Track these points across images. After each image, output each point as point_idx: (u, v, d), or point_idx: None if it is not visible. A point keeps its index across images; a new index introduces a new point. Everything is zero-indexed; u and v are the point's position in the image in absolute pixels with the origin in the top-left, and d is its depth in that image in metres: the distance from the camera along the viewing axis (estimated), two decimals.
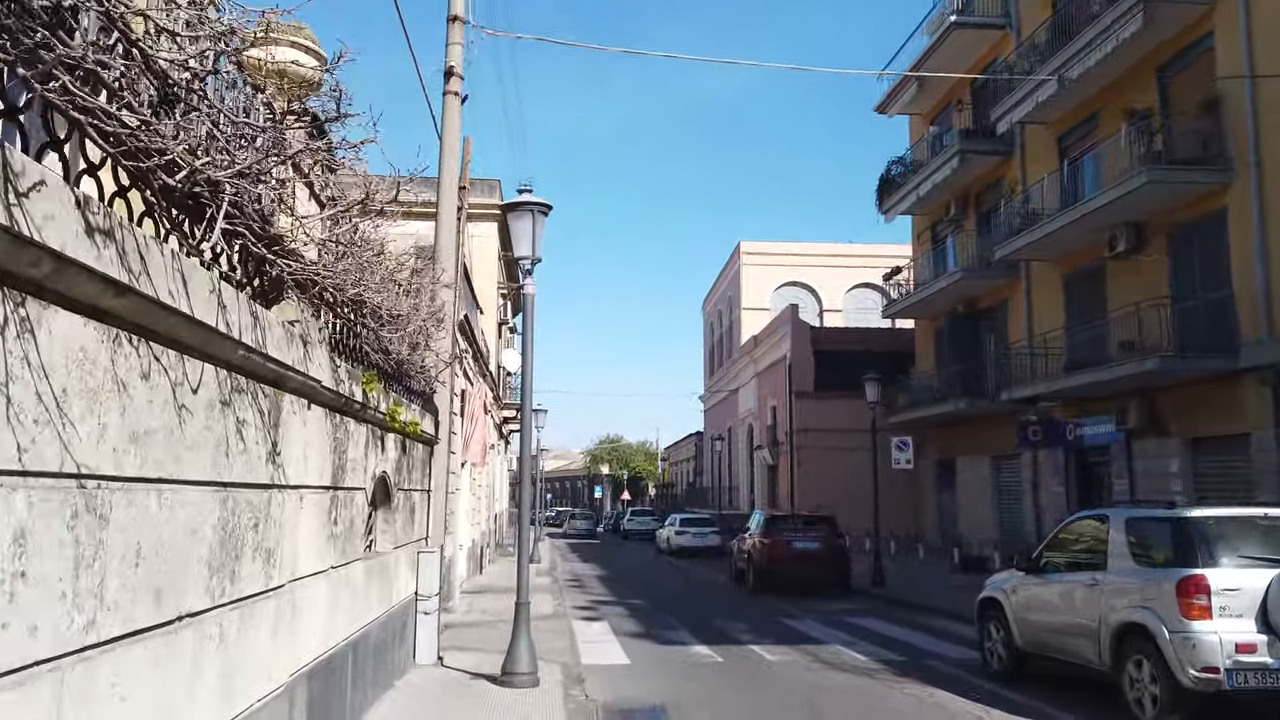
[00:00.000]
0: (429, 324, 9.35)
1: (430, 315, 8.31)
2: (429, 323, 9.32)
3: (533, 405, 9.63)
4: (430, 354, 9.95)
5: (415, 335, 8.74)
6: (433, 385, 10.16)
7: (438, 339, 10.27)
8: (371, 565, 7.23)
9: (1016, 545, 25.01)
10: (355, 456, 6.49)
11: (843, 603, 17.72)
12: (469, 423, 16.60)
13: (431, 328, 10.06)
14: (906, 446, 20.21)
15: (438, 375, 10.28)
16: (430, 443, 10.12)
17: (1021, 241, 22.15)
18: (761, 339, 38.20)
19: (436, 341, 10.19)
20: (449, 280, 10.50)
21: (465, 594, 17.22)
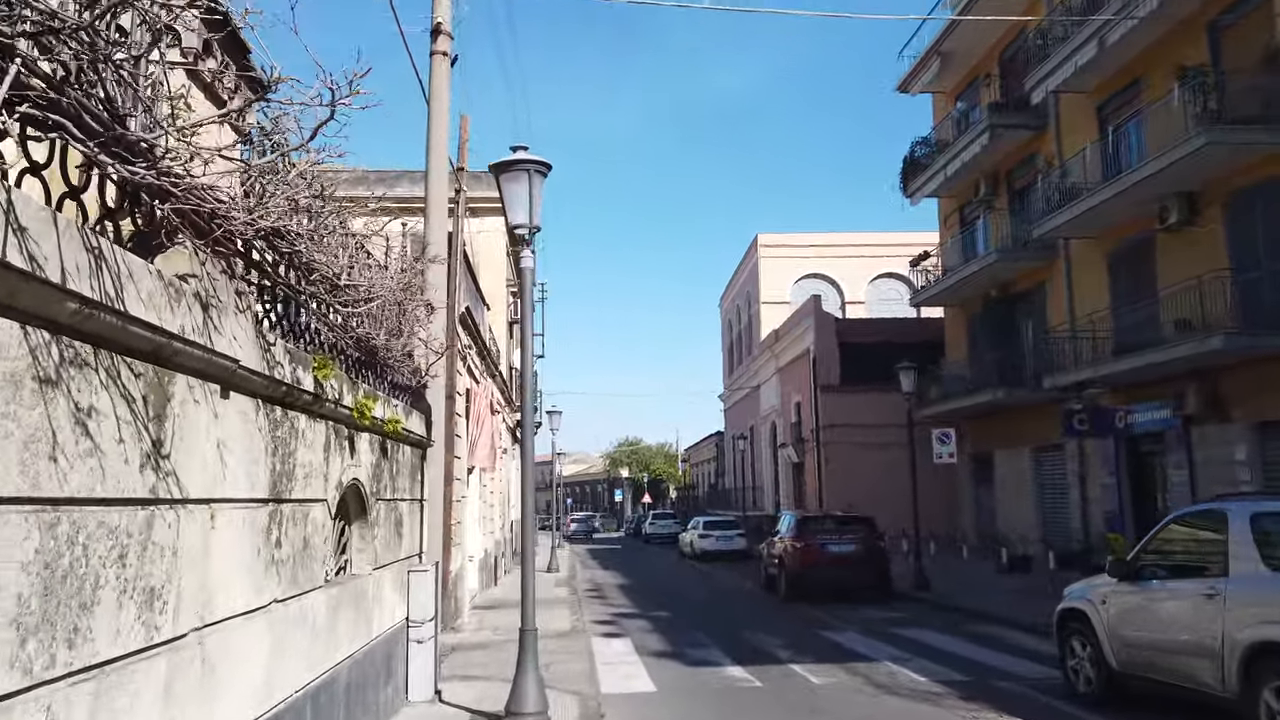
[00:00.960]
0: (414, 306, 8.10)
1: (407, 289, 7.04)
2: (413, 305, 8.07)
3: (536, 396, 8.28)
4: (417, 343, 8.70)
5: (396, 318, 7.48)
6: (422, 379, 8.90)
7: (426, 325, 9.02)
8: (341, 593, 5.96)
9: (1063, 542, 23.61)
10: (309, 461, 5.22)
11: (885, 610, 16.34)
12: (475, 424, 15.35)
13: (421, 312, 8.82)
14: (949, 439, 18.81)
15: (428, 368, 9.02)
16: (421, 445, 8.85)
17: (1062, 218, 20.70)
18: (783, 333, 36.82)
19: (425, 327, 8.93)
20: (436, 255, 9.25)
21: (476, 610, 15.97)
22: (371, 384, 7.02)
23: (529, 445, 7.79)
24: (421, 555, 8.94)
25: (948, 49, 27.79)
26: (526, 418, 7.75)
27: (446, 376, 13.86)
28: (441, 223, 9.80)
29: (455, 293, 14.03)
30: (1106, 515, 21.52)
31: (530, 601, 7.29)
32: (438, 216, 9.80)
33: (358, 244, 6.26)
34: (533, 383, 7.27)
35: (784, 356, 36.91)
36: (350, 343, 6.17)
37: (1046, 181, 21.92)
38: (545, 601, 17.37)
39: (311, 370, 5.06)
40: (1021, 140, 24.78)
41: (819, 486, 31.86)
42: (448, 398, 13.80)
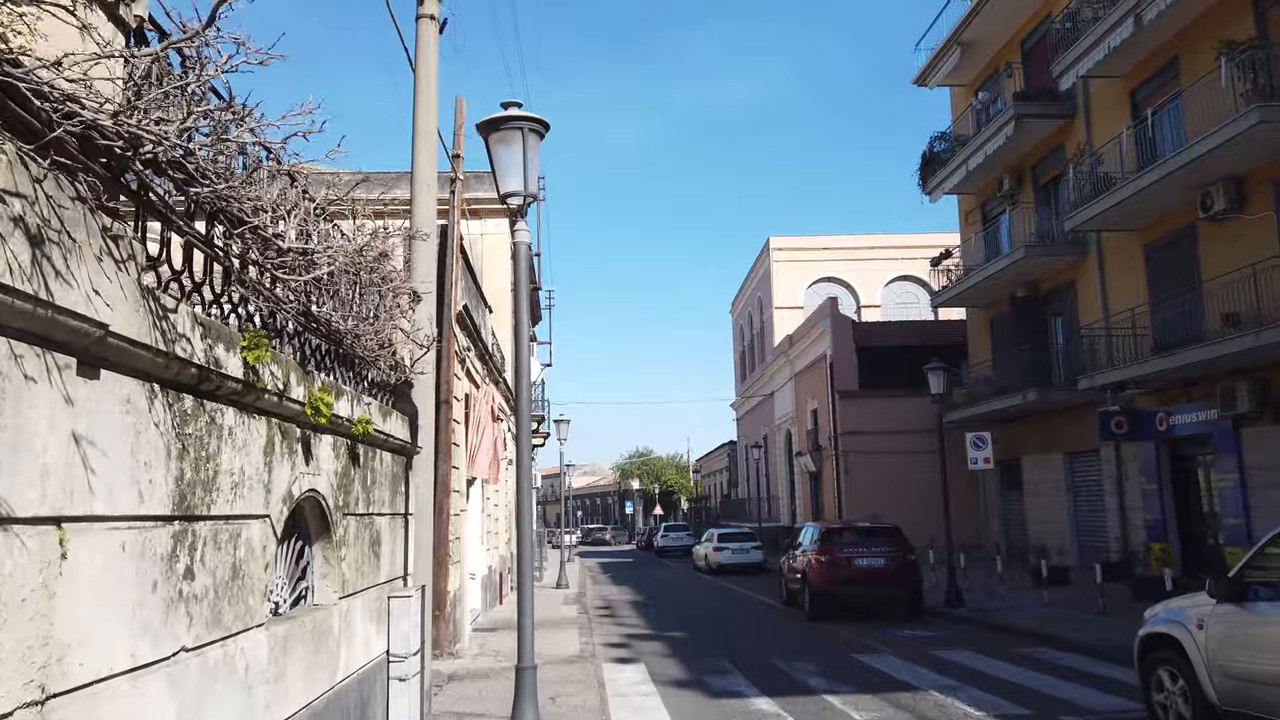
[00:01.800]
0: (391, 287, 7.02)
1: (377, 263, 5.96)
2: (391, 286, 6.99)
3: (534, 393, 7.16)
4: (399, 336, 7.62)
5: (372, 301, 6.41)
6: (406, 376, 7.79)
7: (409, 313, 7.92)
8: (292, 629, 4.85)
9: (1098, 552, 22.35)
10: (240, 467, 4.13)
11: (919, 629, 15.14)
12: (475, 432, 14.25)
13: (403, 300, 7.74)
14: (984, 443, 17.60)
15: (414, 363, 7.91)
16: (404, 451, 7.74)
17: (1095, 209, 19.54)
18: (797, 338, 35.66)
19: (408, 316, 7.84)
20: (419, 231, 8.18)
21: (478, 632, 14.84)
22: (340, 377, 5.93)
23: (525, 446, 6.68)
24: (407, 578, 7.83)
25: (968, 38, 26.71)
26: (523, 412, 6.64)
27: (443, 379, 12.78)
28: (430, 200, 8.72)
29: (452, 287, 12.96)
30: (1148, 524, 20.28)
31: (528, 636, 6.18)
32: (425, 194, 8.73)
33: (317, 210, 5.20)
34: (528, 375, 6.16)
35: (799, 362, 35.75)
36: (304, 322, 5.08)
37: (1078, 171, 20.75)
38: (552, 622, 16.22)
39: (239, 350, 3.96)
40: (1048, 130, 23.66)
41: (838, 496, 30.65)
42: (444, 402, 12.71)
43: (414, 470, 8.34)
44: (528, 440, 6.58)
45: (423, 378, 8.38)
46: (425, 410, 8.57)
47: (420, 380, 8.42)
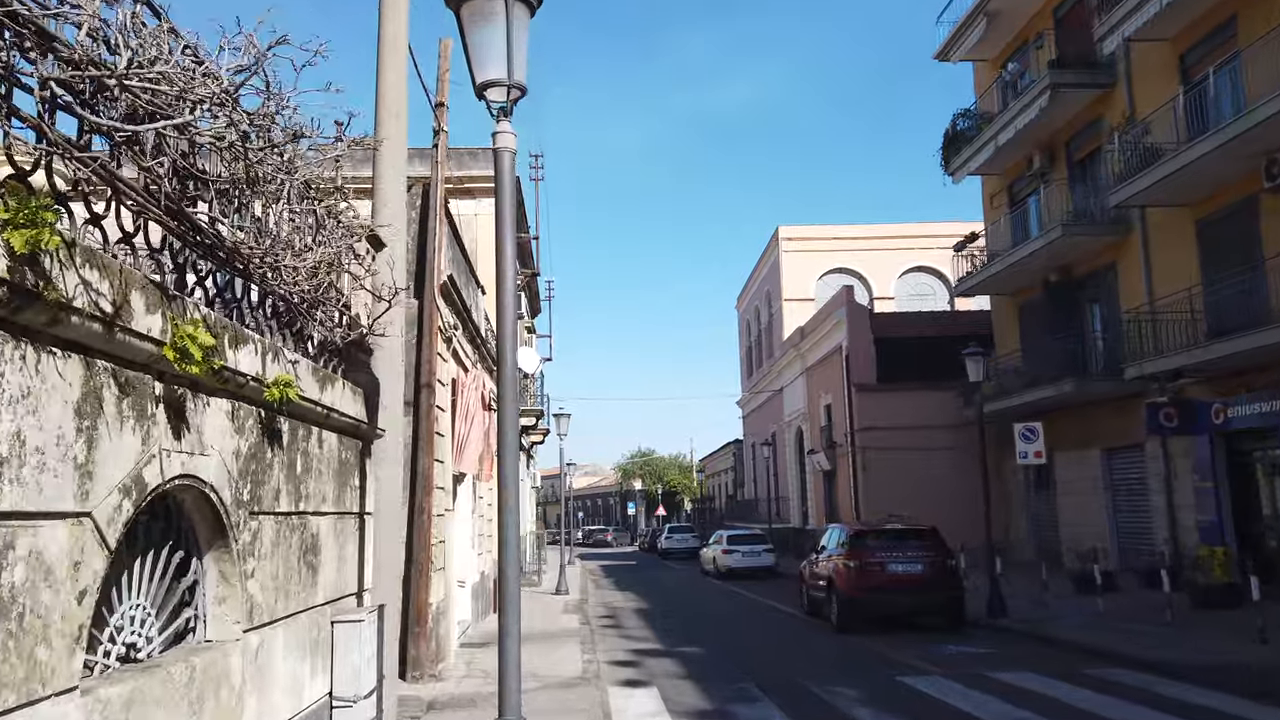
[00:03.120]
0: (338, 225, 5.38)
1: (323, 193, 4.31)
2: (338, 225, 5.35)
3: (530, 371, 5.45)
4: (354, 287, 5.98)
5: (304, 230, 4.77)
6: (361, 338, 6.13)
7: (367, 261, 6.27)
8: (140, 689, 3.18)
9: (1141, 556, 20.67)
10: (17, 431, 2.46)
11: (964, 644, 13.46)
12: (463, 421, 12.59)
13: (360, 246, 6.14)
14: (1035, 435, 15.91)
15: (373, 322, 6.26)
16: (358, 434, 6.08)
17: (1144, 182, 17.86)
18: (810, 330, 33.97)
19: (364, 262, 6.18)
20: (383, 139, 6.53)
21: (466, 648, 13.16)
22: (259, 327, 4.27)
23: (509, 415, 5.00)
24: (362, 595, 6.16)
25: (994, 8, 25.04)
26: (507, 375, 4.97)
27: (425, 358, 11.13)
28: (397, 109, 7.05)
29: (436, 253, 11.29)
30: (1200, 525, 18.59)
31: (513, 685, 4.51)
32: (392, 98, 7.04)
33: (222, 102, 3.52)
34: (513, 324, 4.52)
35: (811, 355, 34.06)
36: (178, 227, 3.41)
37: (1124, 141, 19.06)
38: (551, 635, 14.56)
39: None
40: (1085, 101, 21.97)
41: (854, 496, 28.97)
42: (426, 385, 11.06)
43: (376, 459, 6.68)
44: (513, 410, 4.92)
45: (386, 344, 6.71)
46: (391, 387, 6.90)
47: (384, 348, 6.75)
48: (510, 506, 4.93)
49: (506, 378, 4.97)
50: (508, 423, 4.97)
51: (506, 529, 4.88)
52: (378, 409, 6.39)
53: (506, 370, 4.98)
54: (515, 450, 4.99)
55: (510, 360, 4.99)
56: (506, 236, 5.04)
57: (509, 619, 4.75)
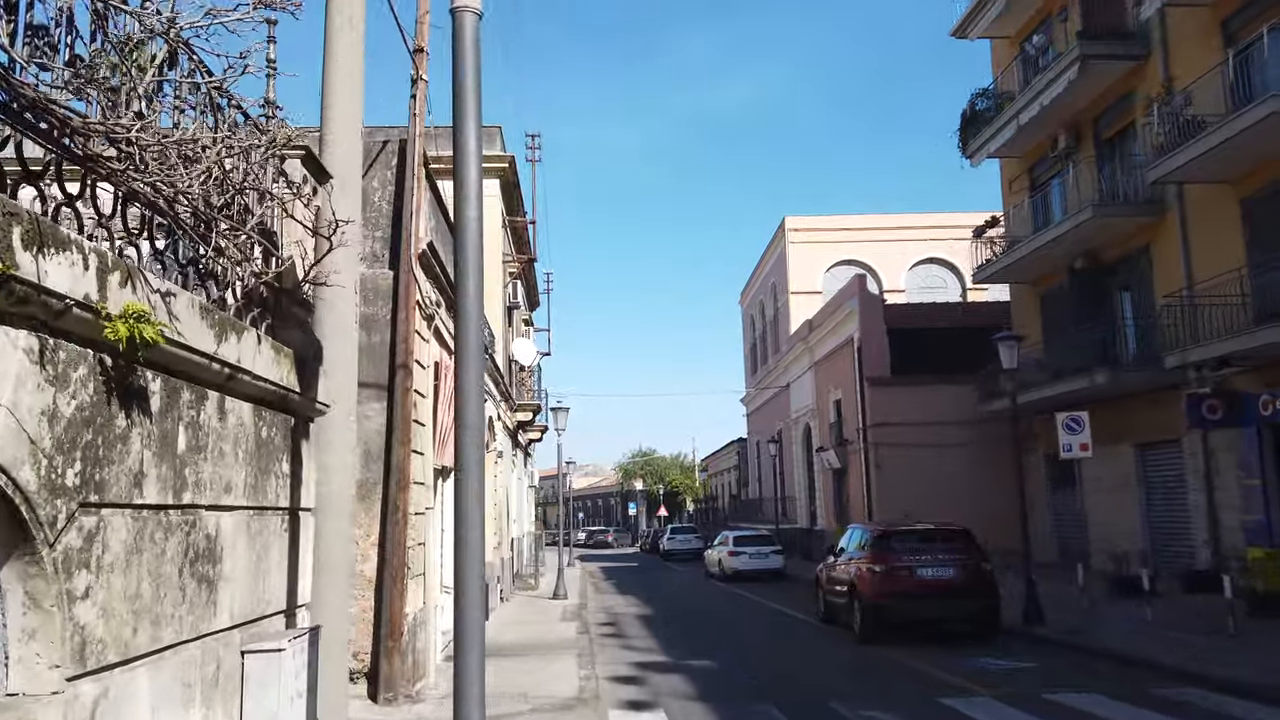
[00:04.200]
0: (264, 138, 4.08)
1: None
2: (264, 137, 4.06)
3: (480, 260, 4.38)
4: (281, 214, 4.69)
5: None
6: (296, 286, 4.82)
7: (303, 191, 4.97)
8: None
9: (1178, 558, 19.35)
10: None
11: (1004, 656, 12.14)
12: (446, 409, 11.28)
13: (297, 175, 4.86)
14: (1080, 426, 14.55)
15: (311, 269, 4.95)
16: (285, 406, 4.76)
17: (1187, 155, 16.55)
18: (819, 322, 32.64)
19: (298, 190, 4.87)
20: (339, 42, 5.24)
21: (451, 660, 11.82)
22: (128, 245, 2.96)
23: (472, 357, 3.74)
24: (294, 613, 4.85)
25: None
26: (466, 288, 3.71)
27: (401, 335, 9.84)
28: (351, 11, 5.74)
29: (413, 217, 9.99)
30: (1246, 526, 17.26)
31: None
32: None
33: None
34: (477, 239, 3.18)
35: (820, 349, 32.74)
36: None
37: (1163, 113, 17.73)
38: (546, 646, 13.24)
39: None
40: (1116, 75, 20.64)
41: (866, 494, 27.64)
42: (402, 366, 9.75)
43: (320, 442, 5.37)
44: (476, 368, 3.64)
45: (332, 299, 5.40)
46: (340, 353, 5.59)
47: (329, 303, 5.44)
48: (471, 492, 3.63)
49: (468, 320, 3.69)
50: (469, 387, 3.68)
51: (466, 526, 3.58)
52: (317, 377, 5.08)
53: (468, 306, 3.69)
54: (479, 424, 3.70)
55: (473, 293, 3.71)
56: (468, 117, 3.78)
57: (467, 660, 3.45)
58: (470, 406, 3.69)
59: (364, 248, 10.23)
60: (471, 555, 3.54)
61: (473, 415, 3.71)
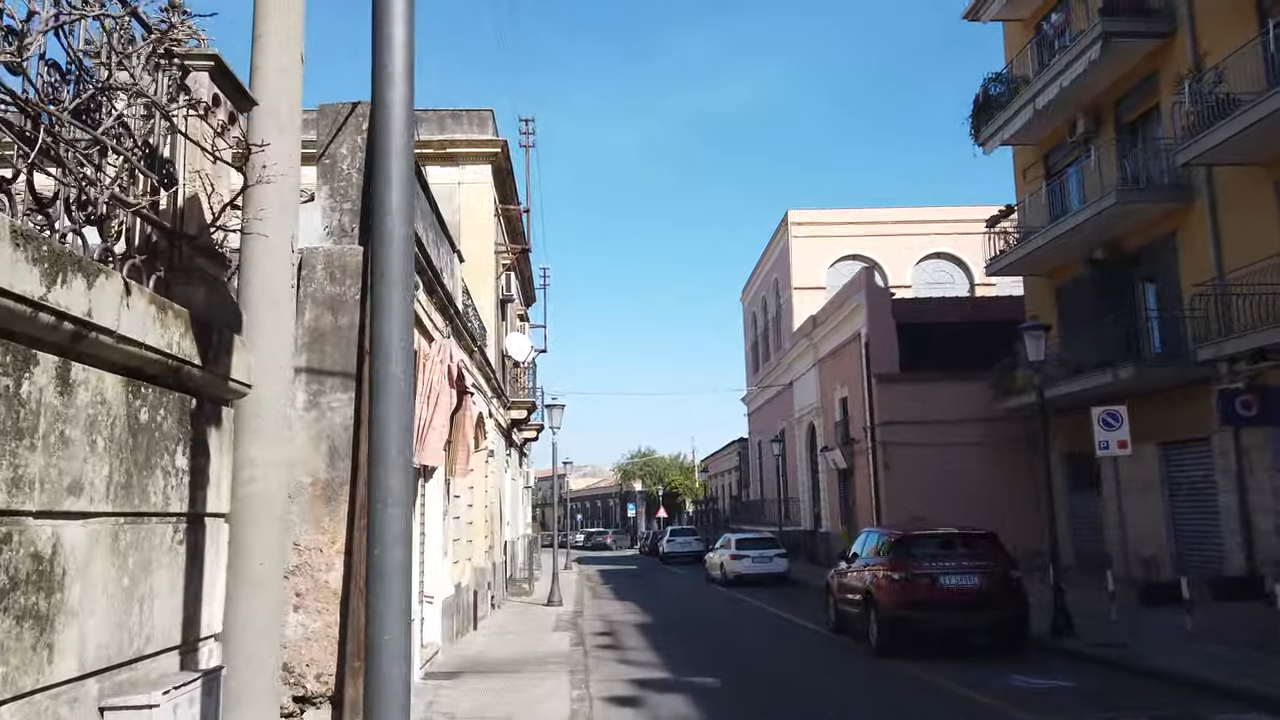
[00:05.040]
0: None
1: None
2: None
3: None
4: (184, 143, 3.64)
5: None
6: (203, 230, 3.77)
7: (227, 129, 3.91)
8: None
9: (1207, 563, 18.33)
10: None
11: (1037, 673, 11.09)
12: (425, 402, 10.21)
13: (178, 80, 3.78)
14: (1118, 421, 13.49)
15: (223, 210, 3.89)
16: (186, 385, 3.70)
17: (1221, 135, 15.54)
18: (823, 318, 31.60)
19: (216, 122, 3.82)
20: None
21: (433, 680, 10.79)
22: None
23: (395, 261, 2.77)
24: (195, 648, 3.79)
25: None
26: (386, 199, 2.78)
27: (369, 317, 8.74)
28: None
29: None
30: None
31: None
32: None
33: None
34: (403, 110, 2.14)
35: (825, 345, 31.69)
36: None
37: (1195, 88, 16.70)
38: (536, 661, 12.18)
39: None
40: (1140, 54, 19.62)
41: (874, 496, 26.60)
42: (370, 352, 8.62)
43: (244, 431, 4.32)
44: (400, 274, 2.64)
45: (260, 251, 4.35)
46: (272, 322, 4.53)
47: (255, 258, 4.39)
48: (390, 464, 2.64)
49: (389, 245, 2.67)
50: (391, 308, 2.69)
51: (383, 543, 2.55)
52: (231, 348, 4.03)
53: (390, 227, 2.69)
54: (401, 364, 2.68)
55: (396, 206, 2.69)
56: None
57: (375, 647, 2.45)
58: (387, 331, 2.70)
59: (330, 220, 9.20)
60: (386, 585, 2.52)
61: (389, 339, 2.72)
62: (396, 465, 2.65)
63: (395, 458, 2.66)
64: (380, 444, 2.68)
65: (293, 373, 4.96)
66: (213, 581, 3.93)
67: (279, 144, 4.59)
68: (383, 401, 2.76)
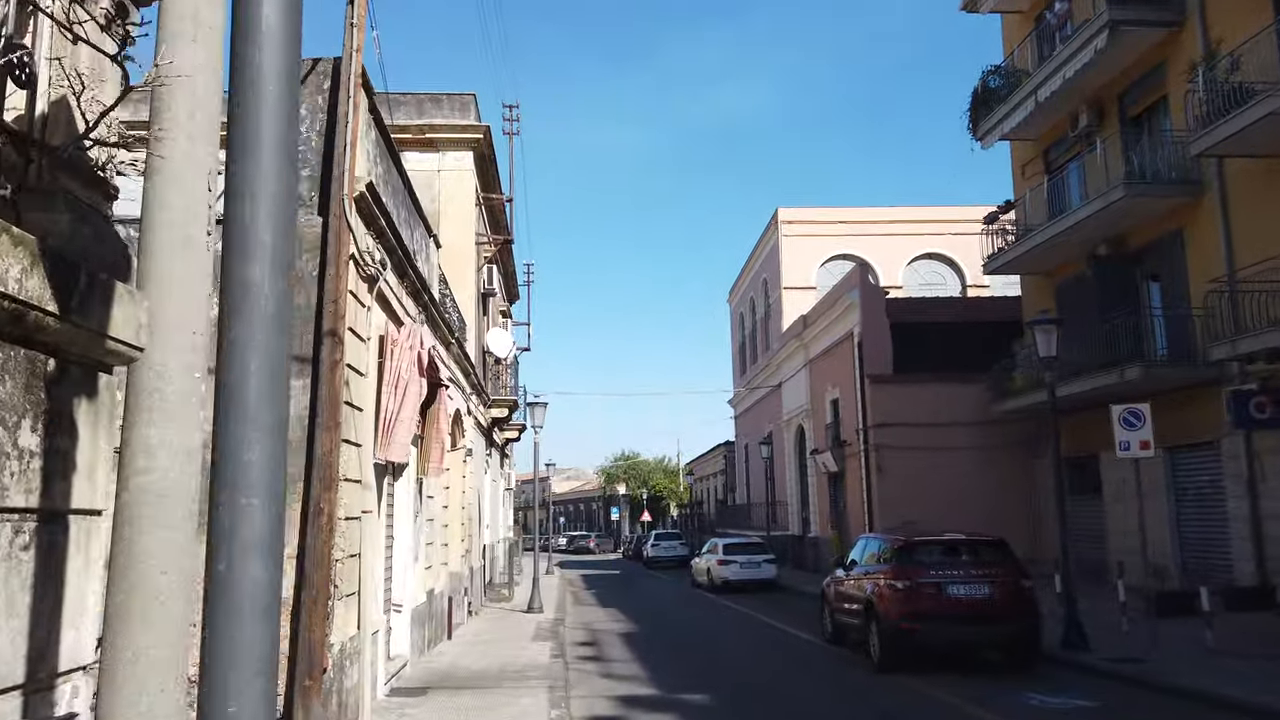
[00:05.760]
0: None
1: None
2: None
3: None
4: None
5: None
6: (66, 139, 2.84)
7: None
8: None
9: (1214, 571, 17.63)
10: None
11: (1053, 691, 10.29)
12: (392, 392, 9.31)
13: None
14: (1140, 421, 12.69)
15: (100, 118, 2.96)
16: (30, 338, 2.79)
17: (1239, 123, 14.82)
18: (814, 317, 30.82)
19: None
20: None
21: (398, 696, 9.87)
22: None
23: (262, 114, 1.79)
24: (52, 686, 2.88)
25: None
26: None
27: (329, 296, 7.91)
28: None
29: (348, 149, 8.03)
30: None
31: None
32: None
33: None
34: None
35: (816, 345, 30.91)
36: None
37: (1209, 76, 16.00)
38: (513, 676, 11.27)
39: None
40: (1148, 43, 18.93)
41: (866, 500, 25.82)
42: (329, 334, 7.83)
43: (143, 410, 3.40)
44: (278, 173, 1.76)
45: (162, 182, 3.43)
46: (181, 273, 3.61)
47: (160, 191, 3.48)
48: (248, 422, 1.78)
49: (248, 73, 1.77)
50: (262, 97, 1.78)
51: (230, 528, 1.67)
52: (111, 299, 3.13)
53: (254, 55, 1.78)
54: (276, 226, 1.82)
55: (275, 23, 1.78)
56: None
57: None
58: (256, 240, 1.82)
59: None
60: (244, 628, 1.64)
61: (258, 273, 1.83)
62: (261, 425, 1.79)
63: (257, 411, 1.80)
64: (233, 387, 1.81)
65: (209, 338, 4.06)
66: (80, 597, 3.04)
67: (187, 52, 3.68)
68: (233, 303, 1.85)
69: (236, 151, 1.96)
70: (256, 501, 1.76)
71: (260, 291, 1.88)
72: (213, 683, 1.64)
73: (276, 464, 1.86)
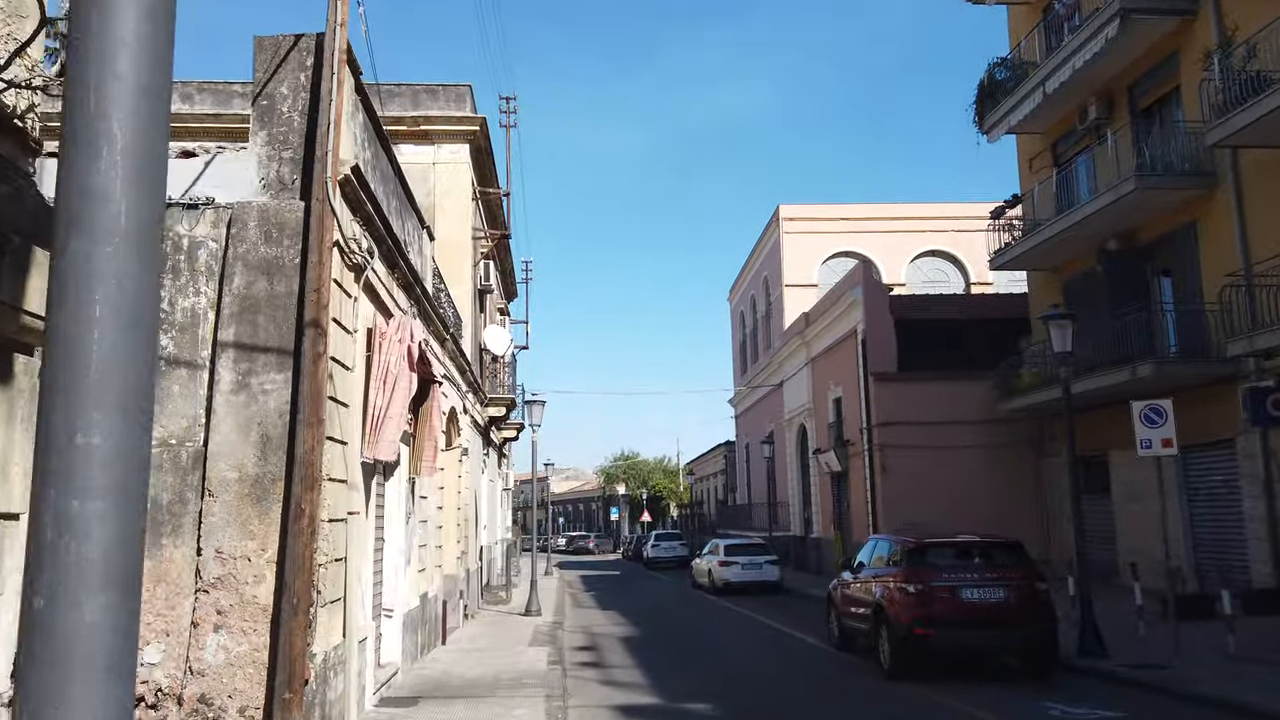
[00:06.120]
0: None
1: None
2: None
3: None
4: None
5: None
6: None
7: None
8: None
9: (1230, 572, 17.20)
10: None
11: (1073, 700, 9.85)
12: (380, 386, 8.87)
13: None
14: (1162, 418, 12.24)
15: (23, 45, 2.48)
16: None
17: (1257, 111, 14.39)
18: (817, 315, 30.38)
19: None
20: None
21: (387, 706, 9.42)
22: None
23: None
24: None
25: None
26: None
27: (312, 284, 7.46)
28: None
29: (331, 128, 7.59)
30: None
31: None
32: None
33: None
34: None
35: (818, 343, 30.47)
36: None
37: (1226, 64, 15.57)
38: (511, 684, 10.83)
39: None
40: (1160, 33, 18.51)
41: (870, 500, 25.38)
42: (311, 324, 7.39)
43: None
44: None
45: None
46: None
47: None
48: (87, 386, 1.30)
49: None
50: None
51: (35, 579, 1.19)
52: (27, 267, 2.67)
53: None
54: (139, 106, 1.34)
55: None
56: None
57: None
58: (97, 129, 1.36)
59: (266, 170, 7.85)
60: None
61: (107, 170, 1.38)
62: (104, 399, 1.34)
63: (102, 373, 1.35)
64: (66, 335, 1.35)
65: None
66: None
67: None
68: (71, 212, 1.37)
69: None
70: (98, 506, 1.32)
71: (109, 197, 1.41)
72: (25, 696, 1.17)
73: (130, 455, 1.40)
